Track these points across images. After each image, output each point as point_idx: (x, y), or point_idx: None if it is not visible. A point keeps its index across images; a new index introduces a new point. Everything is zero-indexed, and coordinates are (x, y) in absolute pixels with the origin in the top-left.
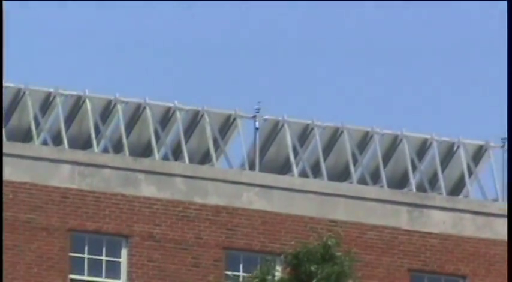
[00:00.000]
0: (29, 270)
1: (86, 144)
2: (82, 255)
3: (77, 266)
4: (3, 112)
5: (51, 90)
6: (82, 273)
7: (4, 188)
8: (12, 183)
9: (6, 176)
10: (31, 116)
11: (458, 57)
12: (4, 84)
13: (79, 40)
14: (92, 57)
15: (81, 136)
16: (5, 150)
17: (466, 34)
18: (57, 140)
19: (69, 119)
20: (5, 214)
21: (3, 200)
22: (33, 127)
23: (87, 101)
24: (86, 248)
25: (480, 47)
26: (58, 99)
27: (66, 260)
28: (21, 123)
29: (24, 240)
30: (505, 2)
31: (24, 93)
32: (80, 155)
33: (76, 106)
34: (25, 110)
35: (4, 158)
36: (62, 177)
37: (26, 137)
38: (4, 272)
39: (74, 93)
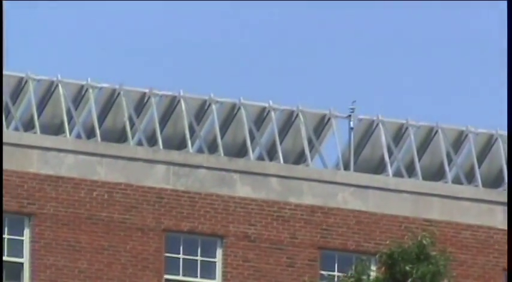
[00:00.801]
0: (124, 271)
1: (181, 145)
2: (177, 256)
3: (172, 266)
4: (98, 113)
5: (146, 90)
6: (177, 274)
7: (99, 189)
8: (107, 184)
9: (101, 176)
10: (126, 116)
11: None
12: (99, 84)
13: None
14: (186, 61)
15: (176, 136)
16: (100, 150)
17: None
18: (152, 141)
19: (164, 119)
20: (100, 214)
21: (98, 200)
22: (128, 128)
23: (182, 101)
24: (181, 248)
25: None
26: (153, 100)
27: (161, 260)
28: (116, 124)
29: (120, 241)
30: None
31: (119, 94)
32: (174, 156)
33: (171, 107)
34: (120, 110)
35: (99, 159)
36: (157, 178)
37: (121, 137)
38: (99, 273)
39: (169, 93)
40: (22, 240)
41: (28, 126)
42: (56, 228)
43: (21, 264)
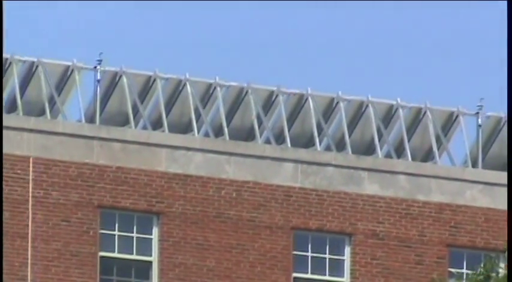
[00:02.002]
0: (252, 269)
1: (309, 143)
2: (305, 254)
3: (300, 264)
4: (226, 111)
5: (274, 89)
6: (305, 272)
7: (227, 187)
8: (235, 182)
9: (229, 175)
10: (254, 115)
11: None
12: (227, 82)
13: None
14: (315, 55)
15: (304, 134)
16: (228, 149)
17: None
18: (280, 139)
19: (292, 117)
20: (228, 213)
21: (226, 198)
22: (256, 126)
23: (309, 99)
24: (309, 246)
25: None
26: (281, 98)
27: (290, 259)
28: (244, 122)
29: (248, 239)
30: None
31: (247, 92)
32: (303, 154)
33: (299, 105)
34: (248, 109)
35: (227, 157)
36: (285, 176)
37: (249, 136)
38: (228, 271)
39: (297, 91)
40: (151, 239)
41: (156, 125)
42: (184, 226)
43: (150, 262)
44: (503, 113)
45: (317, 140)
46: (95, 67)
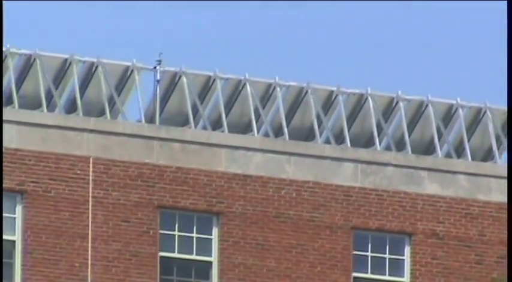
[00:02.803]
0: (312, 269)
1: (369, 142)
2: (365, 253)
3: (360, 264)
4: (285, 111)
5: (334, 89)
6: (365, 271)
7: (287, 187)
8: (295, 182)
9: (289, 175)
10: (314, 114)
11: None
12: (286, 82)
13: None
14: (375, 55)
15: (363, 134)
16: (288, 149)
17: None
18: (339, 139)
19: (351, 117)
20: (288, 213)
21: (286, 198)
22: (315, 126)
23: (369, 99)
24: (369, 246)
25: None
26: (340, 98)
27: (350, 258)
28: (304, 122)
29: (308, 239)
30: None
31: (306, 92)
32: (362, 153)
33: (358, 105)
34: (308, 109)
35: (287, 157)
36: (345, 176)
37: (308, 136)
38: (288, 271)
39: (357, 91)
40: (211, 239)
41: (216, 125)
42: (244, 226)
43: (210, 263)
44: None
45: (377, 140)
46: (155, 67)
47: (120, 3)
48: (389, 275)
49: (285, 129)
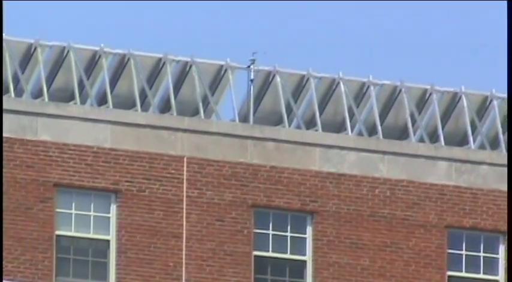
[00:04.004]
0: (406, 268)
1: (463, 141)
2: (460, 252)
3: (454, 262)
4: (379, 110)
5: (428, 87)
6: (460, 270)
7: (381, 186)
8: (389, 181)
9: (383, 173)
10: (408, 113)
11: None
12: (380, 81)
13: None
14: (468, 54)
15: (457, 133)
16: (382, 148)
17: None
18: (433, 137)
19: (446, 115)
20: (382, 212)
21: (380, 197)
22: (409, 125)
23: (463, 97)
24: (464, 245)
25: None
26: (434, 96)
27: (444, 257)
28: (398, 121)
29: (402, 238)
30: (505, 2)
31: (400, 90)
32: (457, 152)
33: (452, 103)
34: (401, 107)
35: (381, 156)
36: (439, 174)
37: (402, 134)
38: (382, 270)
39: (451, 89)
40: (305, 238)
41: (310, 124)
42: (338, 225)
43: (304, 262)
44: None
45: (471, 139)
46: (248, 67)
47: (214, 3)
48: (484, 273)
49: (379, 128)
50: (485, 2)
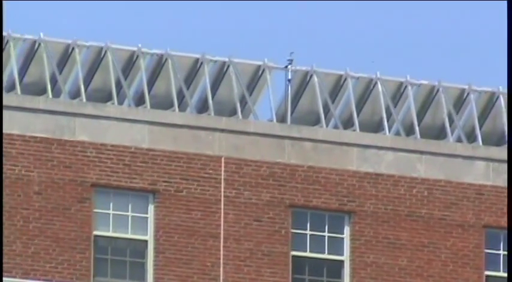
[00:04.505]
0: (444, 267)
1: (500, 141)
2: (497, 252)
3: (492, 262)
4: (417, 110)
5: (465, 87)
6: (498, 270)
7: (418, 186)
8: (427, 181)
9: (421, 173)
10: (445, 113)
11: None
12: (417, 81)
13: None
14: (504, 53)
15: (495, 132)
16: (419, 147)
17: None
18: (471, 137)
19: (483, 115)
20: (420, 211)
21: (418, 197)
22: (447, 124)
23: (501, 97)
24: (501, 245)
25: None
26: (472, 96)
27: (482, 257)
28: (436, 121)
29: (440, 238)
30: (505, 2)
31: (438, 90)
32: (494, 152)
33: (490, 103)
34: (439, 107)
35: (419, 156)
36: (477, 174)
37: (440, 134)
38: (419, 270)
39: (489, 89)
40: (342, 238)
41: (347, 124)
42: (375, 225)
43: (342, 261)
44: None
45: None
46: (286, 67)
47: (252, 3)
48: None
49: (416, 128)
50: None
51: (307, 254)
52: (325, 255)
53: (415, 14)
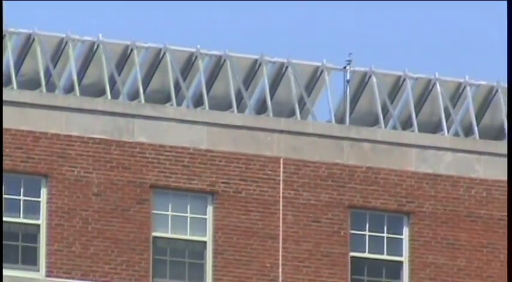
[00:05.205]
0: (503, 268)
1: None
2: None
3: None
4: (476, 111)
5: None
6: None
7: (477, 186)
8: (485, 181)
9: (480, 174)
10: (504, 113)
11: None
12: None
13: None
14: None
15: None
16: (478, 148)
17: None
18: None
19: None
20: (478, 212)
21: (477, 198)
22: (506, 125)
23: (499, 91)
24: None
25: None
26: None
27: None
28: (494, 122)
29: (499, 238)
30: (505, 2)
31: (497, 91)
32: None
33: None
34: (498, 109)
35: (477, 156)
36: None
37: (499, 134)
38: (479, 270)
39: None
40: (401, 239)
41: (406, 124)
42: (434, 226)
43: (401, 262)
44: None
45: None
46: (344, 67)
47: (311, 3)
48: None
49: (475, 128)
50: None
51: (366, 254)
52: (384, 256)
53: (472, 14)
